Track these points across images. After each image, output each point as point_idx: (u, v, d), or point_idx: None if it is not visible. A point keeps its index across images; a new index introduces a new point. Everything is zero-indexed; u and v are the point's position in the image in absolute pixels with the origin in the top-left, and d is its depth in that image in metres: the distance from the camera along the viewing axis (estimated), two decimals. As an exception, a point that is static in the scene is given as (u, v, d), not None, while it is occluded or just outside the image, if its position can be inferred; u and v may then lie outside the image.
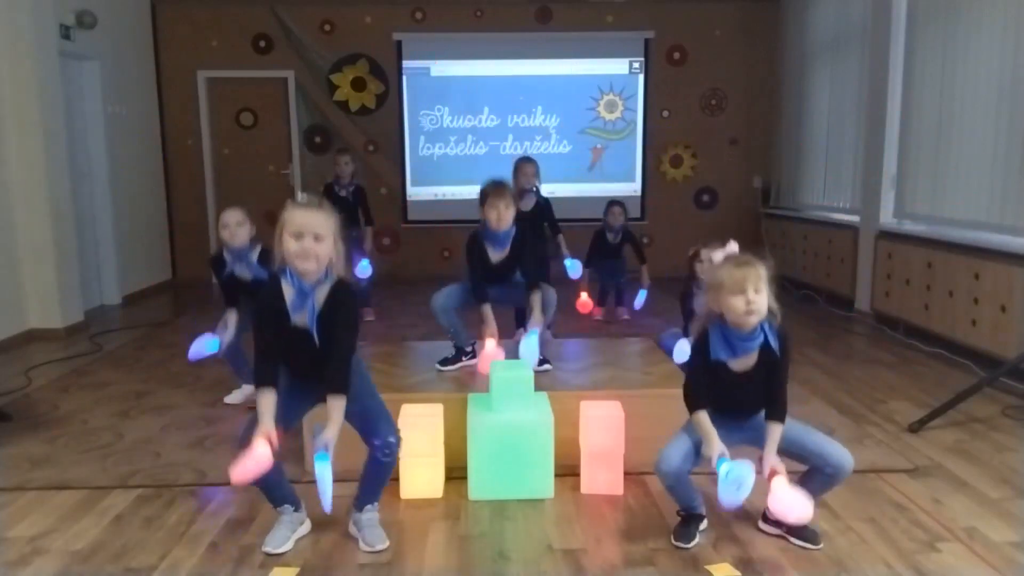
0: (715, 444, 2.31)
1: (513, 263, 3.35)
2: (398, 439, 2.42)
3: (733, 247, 2.37)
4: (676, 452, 2.39)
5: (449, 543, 2.51)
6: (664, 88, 7.94)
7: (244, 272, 3.84)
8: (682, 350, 3.88)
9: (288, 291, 2.27)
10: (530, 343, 3.17)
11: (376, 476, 2.46)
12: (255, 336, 2.32)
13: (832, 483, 2.44)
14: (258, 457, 2.17)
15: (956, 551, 2.42)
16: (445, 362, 3.39)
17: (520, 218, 3.46)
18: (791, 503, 2.28)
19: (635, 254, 5.85)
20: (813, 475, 2.44)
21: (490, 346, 3.20)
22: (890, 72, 5.59)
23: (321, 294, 2.28)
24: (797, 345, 4.97)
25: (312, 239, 2.20)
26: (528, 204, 4.81)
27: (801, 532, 2.45)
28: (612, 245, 5.85)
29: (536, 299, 3.27)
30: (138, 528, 2.62)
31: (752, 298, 2.26)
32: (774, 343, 2.36)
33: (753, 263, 2.31)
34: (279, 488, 2.46)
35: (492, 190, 3.27)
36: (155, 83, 7.64)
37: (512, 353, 3.20)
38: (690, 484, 2.44)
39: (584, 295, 5.61)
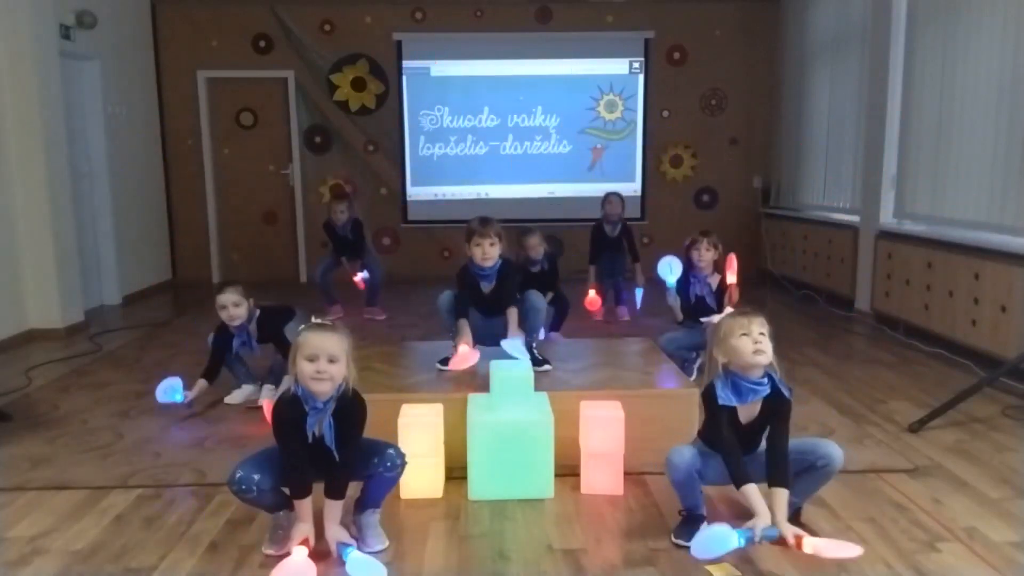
0: (764, 516, 2.26)
1: (503, 293, 3.43)
2: (399, 452, 2.43)
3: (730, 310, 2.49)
4: (689, 450, 2.40)
5: (449, 543, 2.51)
6: (664, 88, 7.93)
7: (247, 350, 3.97)
8: (667, 264, 3.97)
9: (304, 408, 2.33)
10: (513, 343, 3.19)
11: (380, 486, 2.47)
12: (280, 448, 2.36)
13: (825, 476, 2.42)
14: (298, 567, 2.20)
15: (956, 551, 2.42)
16: (445, 362, 3.39)
17: (527, 278, 3.56)
18: (836, 548, 2.24)
19: (629, 251, 5.86)
20: (804, 474, 2.42)
21: (463, 349, 3.26)
22: (890, 72, 5.58)
23: (332, 406, 2.34)
24: (797, 345, 4.99)
25: (326, 361, 2.25)
26: (535, 269, 4.92)
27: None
28: (611, 238, 5.84)
29: (512, 313, 3.37)
30: (138, 528, 2.62)
31: (758, 337, 2.32)
32: (785, 390, 2.38)
33: (755, 311, 2.40)
34: (273, 503, 2.44)
35: (478, 228, 3.37)
36: (155, 83, 7.64)
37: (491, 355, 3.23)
38: (697, 484, 2.44)
39: (592, 292, 5.61)
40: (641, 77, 7.94)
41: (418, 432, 2.78)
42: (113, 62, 6.73)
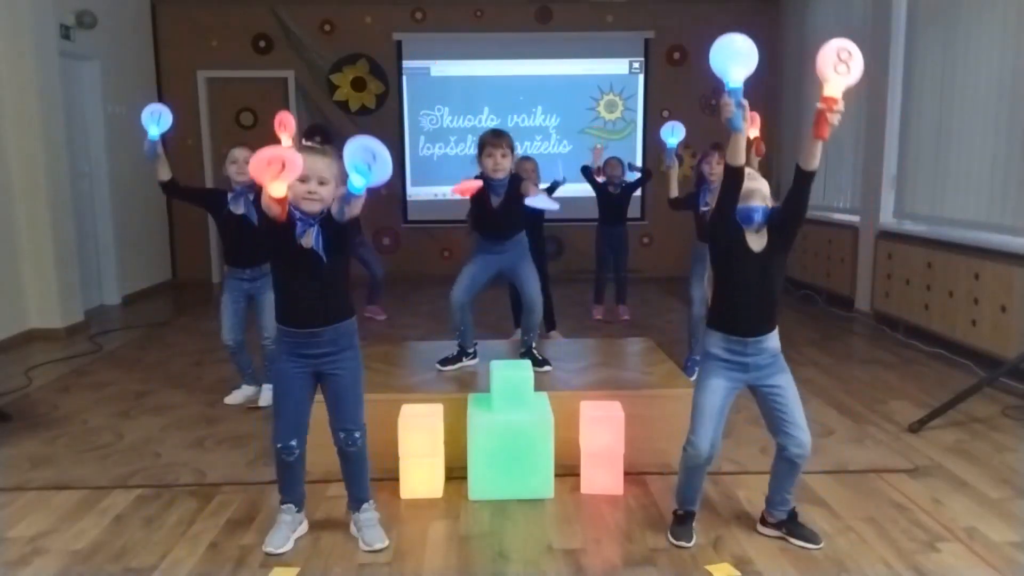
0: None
1: (511, 209, 3.40)
2: (363, 431, 2.46)
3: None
4: (705, 437, 2.34)
5: (449, 543, 2.51)
6: (664, 88, 7.93)
7: (239, 208, 3.88)
8: (670, 127, 4.08)
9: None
10: (535, 198, 3.22)
11: (349, 470, 2.49)
12: (261, 228, 2.33)
13: (797, 468, 2.39)
14: (284, 148, 2.07)
15: (956, 551, 2.42)
16: (445, 362, 3.39)
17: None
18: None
19: (641, 179, 5.91)
20: (780, 465, 2.41)
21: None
22: (890, 72, 5.59)
23: (320, 219, 2.35)
24: (797, 345, 4.99)
25: (317, 183, 2.28)
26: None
27: (801, 532, 2.45)
28: (614, 198, 5.78)
29: (527, 183, 3.37)
30: (138, 528, 2.62)
31: (753, 172, 2.44)
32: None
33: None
34: (296, 487, 2.48)
35: (489, 139, 3.36)
36: (155, 83, 7.64)
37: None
38: (704, 473, 2.44)
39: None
40: (641, 77, 7.94)
41: (418, 432, 2.78)
42: (113, 62, 6.72)
